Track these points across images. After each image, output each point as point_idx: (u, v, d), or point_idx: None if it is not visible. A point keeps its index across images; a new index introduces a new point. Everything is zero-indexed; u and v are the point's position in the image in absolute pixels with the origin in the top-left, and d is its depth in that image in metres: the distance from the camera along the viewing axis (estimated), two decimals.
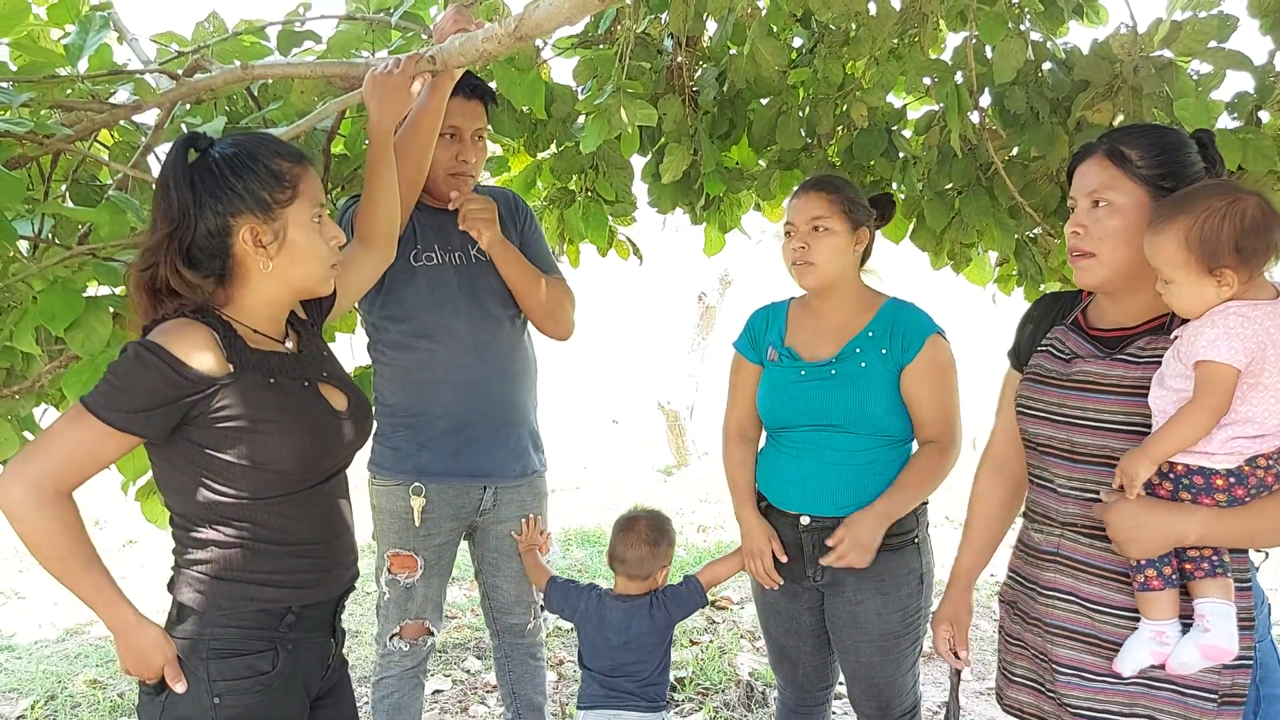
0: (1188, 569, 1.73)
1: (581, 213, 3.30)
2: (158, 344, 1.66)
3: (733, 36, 3.06)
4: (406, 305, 2.57)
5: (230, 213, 1.72)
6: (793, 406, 2.46)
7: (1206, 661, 1.70)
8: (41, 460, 1.63)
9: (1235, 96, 2.57)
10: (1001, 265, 3.42)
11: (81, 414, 1.64)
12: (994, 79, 2.69)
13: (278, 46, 2.65)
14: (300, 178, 1.77)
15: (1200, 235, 1.64)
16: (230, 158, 1.73)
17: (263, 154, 1.75)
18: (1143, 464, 1.68)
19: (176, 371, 1.65)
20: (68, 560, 1.68)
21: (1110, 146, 1.85)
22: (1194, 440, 1.66)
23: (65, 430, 1.65)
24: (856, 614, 2.44)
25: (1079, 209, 1.87)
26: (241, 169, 1.72)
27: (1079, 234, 1.85)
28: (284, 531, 1.79)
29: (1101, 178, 1.84)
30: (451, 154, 2.57)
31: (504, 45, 1.98)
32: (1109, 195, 1.82)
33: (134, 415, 1.65)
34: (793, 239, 2.45)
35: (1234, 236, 1.63)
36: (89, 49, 2.14)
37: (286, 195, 1.74)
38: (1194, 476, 1.69)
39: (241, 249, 1.74)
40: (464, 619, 4.83)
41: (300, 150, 1.82)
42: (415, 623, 2.67)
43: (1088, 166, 1.87)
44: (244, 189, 1.72)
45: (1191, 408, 1.64)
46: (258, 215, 1.73)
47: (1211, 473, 1.68)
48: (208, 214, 1.72)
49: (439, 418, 2.59)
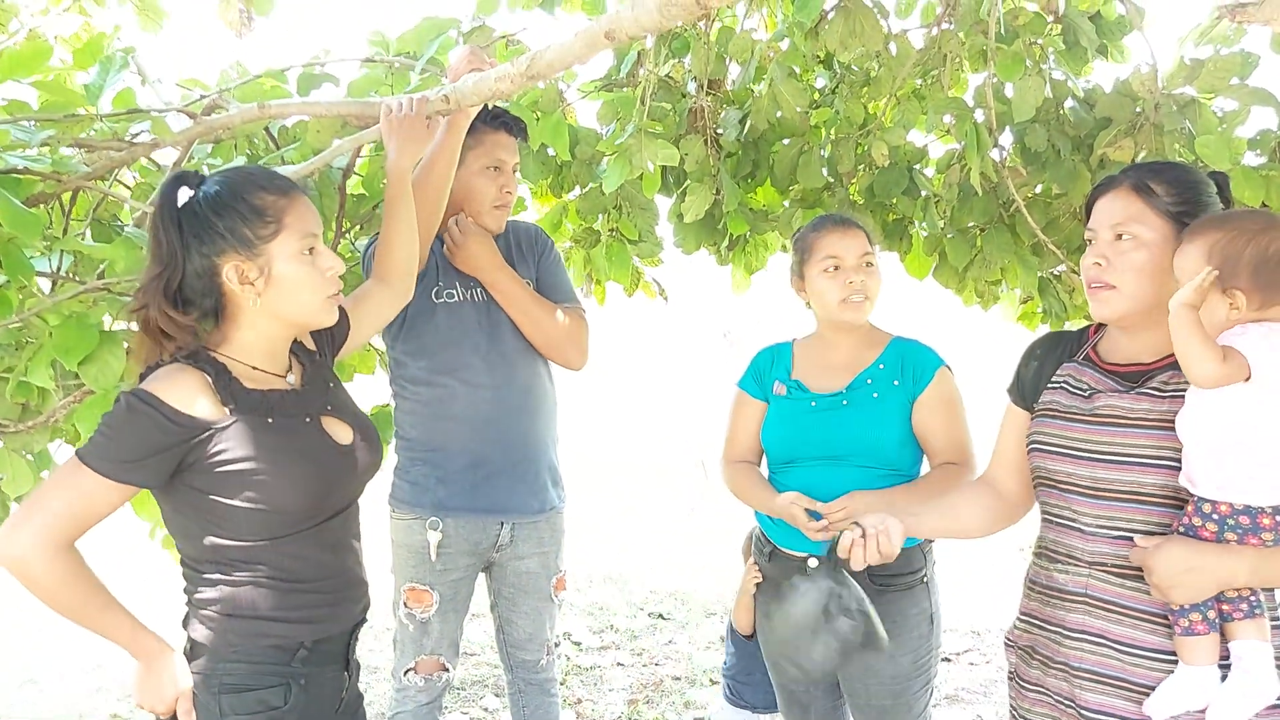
0: (1225, 610, 1.69)
1: (606, 252, 3.31)
2: (148, 392, 1.65)
3: (754, 78, 3.08)
4: (426, 341, 2.58)
5: (214, 252, 1.71)
6: (803, 437, 2.43)
7: (1249, 709, 1.66)
8: (42, 514, 1.63)
9: (1258, 134, 2.55)
10: (1025, 303, 3.40)
11: (77, 467, 1.64)
12: (1014, 117, 2.68)
13: (297, 89, 2.68)
14: (285, 210, 1.75)
15: (1223, 251, 1.64)
16: (213, 197, 1.73)
17: (246, 190, 1.73)
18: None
19: (168, 418, 1.64)
20: (81, 607, 1.68)
21: (1136, 180, 1.83)
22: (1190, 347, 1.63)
23: (63, 483, 1.66)
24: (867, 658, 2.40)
25: (1100, 241, 1.84)
26: (223, 208, 1.71)
27: (1101, 265, 1.82)
28: (293, 570, 1.78)
29: (1128, 210, 1.81)
30: (497, 186, 2.61)
31: (516, 84, 1.99)
32: (1135, 229, 1.80)
33: (128, 465, 1.64)
34: (843, 274, 2.41)
35: (1254, 260, 1.62)
36: (109, 89, 2.17)
37: (270, 230, 1.73)
38: (1240, 517, 1.65)
39: (229, 287, 1.74)
40: (483, 656, 4.80)
41: (290, 181, 1.80)
42: (431, 658, 2.65)
43: (1112, 199, 1.84)
44: (225, 228, 1.71)
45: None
46: (240, 252, 1.72)
47: (1258, 511, 1.64)
48: (193, 255, 1.71)
49: (458, 453, 2.59)
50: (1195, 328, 1.62)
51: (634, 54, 3.06)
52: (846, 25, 2.66)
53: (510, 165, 2.64)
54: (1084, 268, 1.88)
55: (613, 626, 5.26)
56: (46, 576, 1.63)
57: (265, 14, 2.93)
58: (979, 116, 2.78)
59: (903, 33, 2.93)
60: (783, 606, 2.01)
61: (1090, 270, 1.85)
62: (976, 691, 4.28)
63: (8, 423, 2.36)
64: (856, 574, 2.34)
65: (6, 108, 2.25)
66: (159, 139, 2.24)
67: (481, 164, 2.57)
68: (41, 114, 2.19)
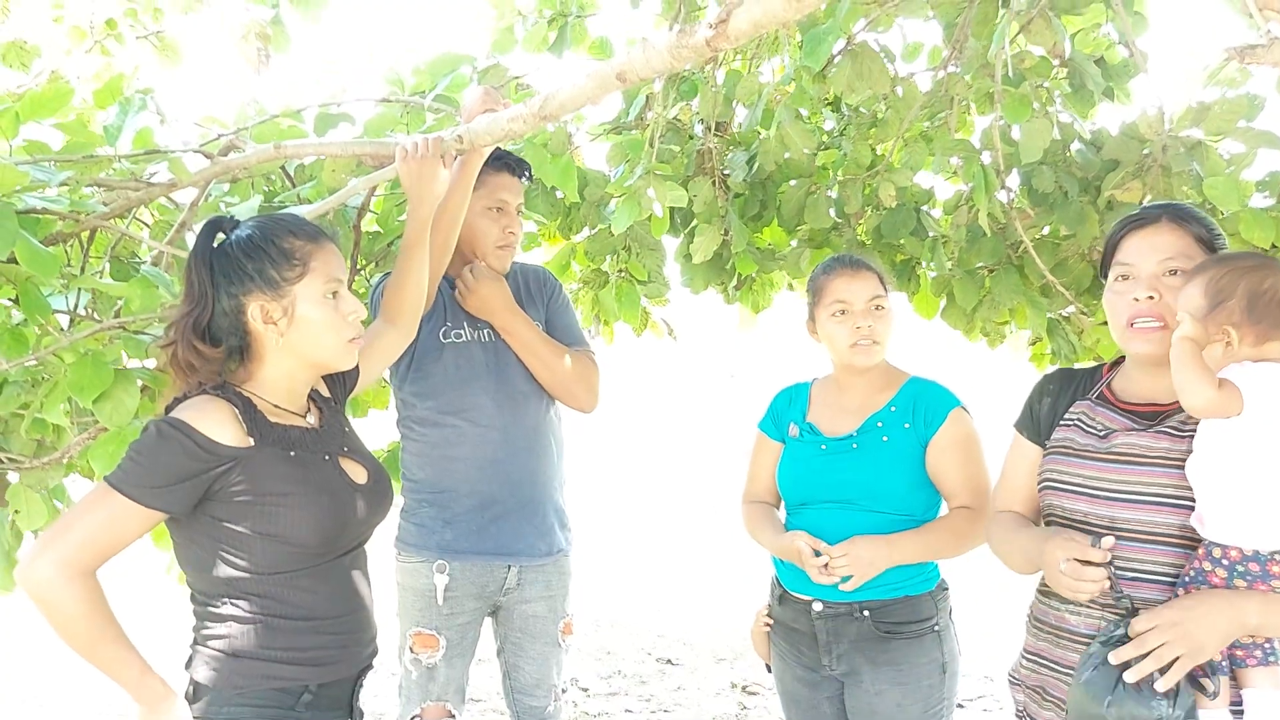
0: (1239, 655, 1.67)
1: (615, 293, 3.33)
2: (179, 419, 1.69)
3: (762, 121, 3.11)
4: (434, 381, 2.58)
5: (241, 292, 1.77)
6: (813, 480, 2.43)
7: None
8: (67, 540, 1.64)
9: (1268, 175, 2.56)
10: (1034, 344, 3.40)
11: (107, 492, 1.66)
12: (1021, 159, 2.70)
13: (314, 129, 2.72)
14: (312, 254, 1.80)
15: (1218, 287, 1.67)
16: (244, 240, 1.79)
17: (276, 234, 1.79)
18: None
19: (199, 445, 1.67)
20: (93, 638, 1.68)
21: (1175, 214, 1.84)
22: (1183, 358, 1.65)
23: (90, 509, 1.67)
24: (875, 706, 2.37)
25: (1148, 274, 1.81)
26: (253, 250, 1.78)
27: (1154, 300, 1.80)
28: (302, 606, 1.78)
29: (1178, 245, 1.81)
30: (500, 227, 2.63)
31: (529, 125, 2.01)
32: (1184, 263, 1.79)
33: (158, 490, 1.66)
34: (851, 318, 2.41)
35: (1247, 295, 1.65)
36: (128, 130, 2.20)
37: (296, 273, 1.78)
38: (1249, 564, 1.64)
39: (254, 326, 1.78)
40: (489, 702, 4.75)
41: (319, 228, 1.87)
42: (436, 705, 2.62)
43: (1156, 233, 1.83)
44: (254, 269, 1.77)
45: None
46: (266, 293, 1.77)
47: (1268, 558, 1.64)
48: (222, 295, 1.77)
49: (464, 495, 2.58)
50: (1194, 358, 1.64)
51: (642, 97, 3.10)
52: (853, 69, 2.70)
53: (513, 206, 2.66)
54: (1120, 303, 1.85)
55: (621, 672, 5.22)
56: (66, 603, 1.63)
57: (283, 51, 2.98)
58: (986, 158, 2.81)
59: (909, 76, 2.97)
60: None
61: (1139, 305, 1.81)
62: None
63: (23, 458, 2.37)
64: (859, 619, 2.34)
65: (26, 148, 2.28)
66: (176, 179, 2.27)
67: (483, 205, 2.58)
68: (61, 155, 2.22)
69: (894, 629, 2.35)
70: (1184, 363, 1.65)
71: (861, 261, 2.49)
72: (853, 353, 2.41)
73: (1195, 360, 1.64)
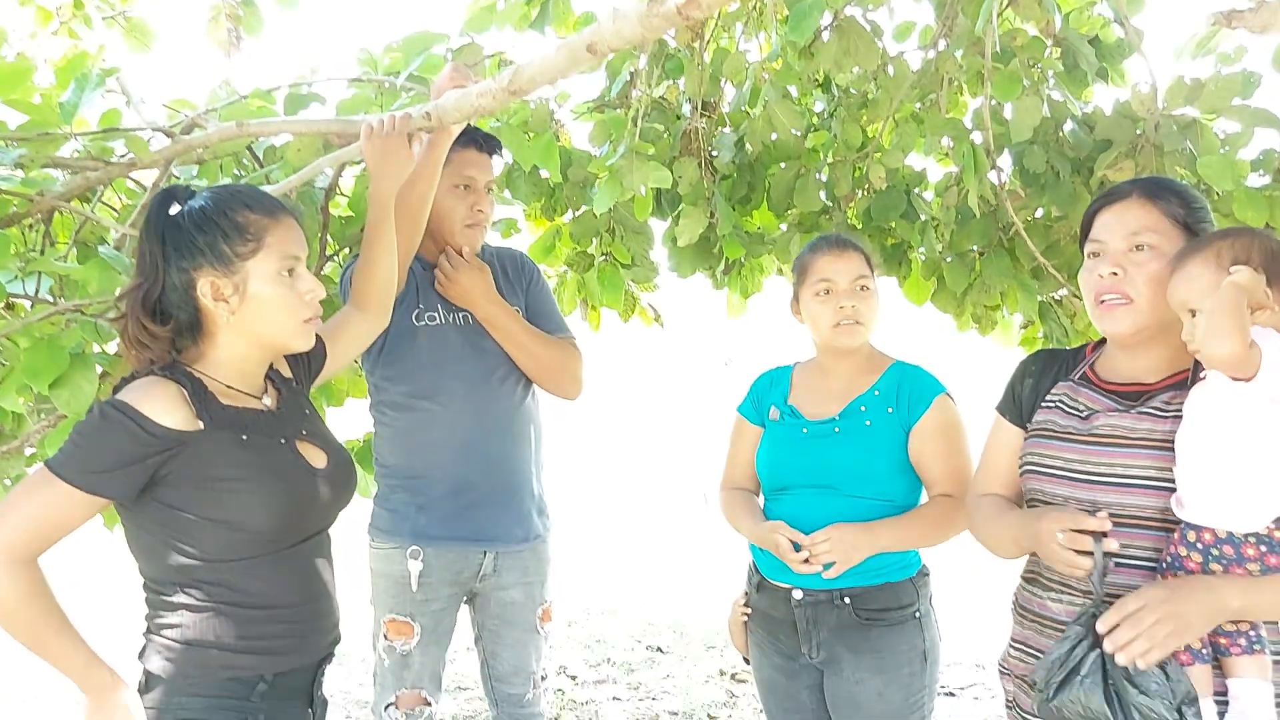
0: (1223, 644, 1.63)
1: (599, 276, 3.27)
2: (123, 402, 1.62)
3: (750, 100, 3.04)
4: (406, 365, 2.52)
5: (192, 266, 1.69)
6: (793, 464, 2.37)
7: None
8: (6, 525, 1.58)
9: (1261, 154, 2.50)
10: (1026, 328, 3.34)
11: (47, 477, 1.60)
12: (1012, 138, 2.64)
13: (285, 110, 2.65)
14: (267, 230, 1.73)
15: (1233, 254, 1.61)
16: (196, 212, 1.71)
17: (230, 206, 1.72)
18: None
19: (143, 429, 1.60)
20: (37, 627, 1.62)
21: (1147, 189, 1.79)
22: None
23: (30, 495, 1.61)
24: (856, 694, 2.32)
25: (1113, 251, 1.78)
26: (205, 223, 1.70)
27: (1118, 275, 1.76)
28: (258, 595, 1.73)
29: (1144, 220, 1.76)
30: (467, 205, 2.55)
31: (498, 100, 1.95)
32: (1152, 238, 1.75)
33: (101, 475, 1.60)
34: (835, 298, 2.35)
35: (1264, 255, 1.61)
36: (84, 106, 2.13)
37: (249, 248, 1.71)
38: (1224, 546, 1.60)
39: (205, 303, 1.71)
40: (475, 690, 4.70)
41: (278, 202, 1.79)
42: (411, 692, 2.57)
43: (1124, 209, 1.79)
44: (205, 243, 1.69)
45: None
46: (217, 268, 1.70)
47: (1241, 541, 1.59)
48: (172, 269, 1.70)
49: (438, 480, 2.53)
50: (1240, 306, 1.56)
51: (626, 74, 3.03)
52: (841, 45, 2.63)
53: (482, 183, 2.58)
54: (1090, 281, 1.81)
55: (609, 660, 5.17)
56: (6, 591, 1.57)
57: (254, 34, 2.91)
58: (977, 138, 2.75)
59: (900, 55, 2.91)
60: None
61: (1103, 282, 1.78)
62: None
63: None
64: (840, 607, 2.29)
65: None
66: (136, 158, 2.20)
67: (450, 182, 2.50)
68: (15, 133, 2.15)
69: (875, 616, 2.30)
70: (1228, 308, 1.56)
71: (848, 241, 2.43)
72: (836, 334, 2.35)
73: (1241, 309, 1.56)
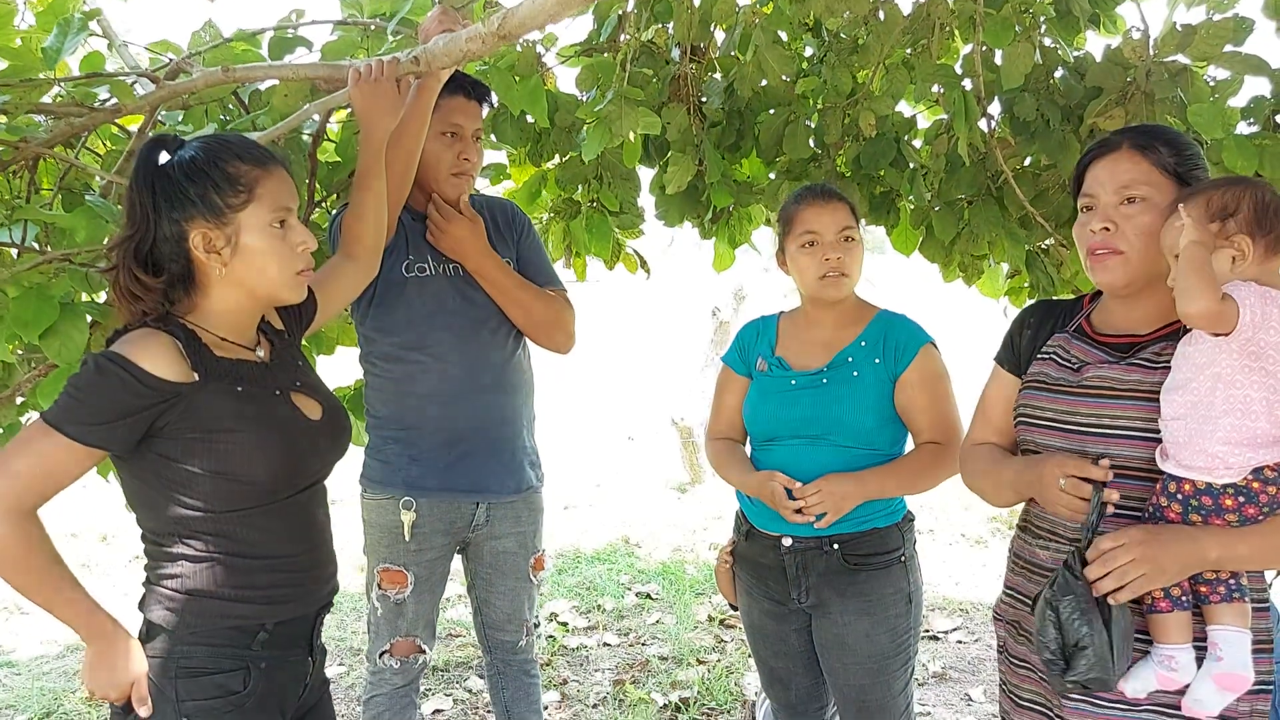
0: (1203, 592, 1.65)
1: (586, 224, 3.25)
2: (118, 354, 1.61)
3: (740, 45, 3.01)
4: (397, 317, 2.51)
5: (183, 218, 1.68)
6: (781, 415, 2.39)
7: (1225, 696, 1.62)
8: (4, 480, 1.58)
9: (1251, 101, 2.49)
10: (1013, 278, 3.35)
11: (44, 430, 1.60)
12: (1003, 85, 2.62)
13: (269, 53, 2.61)
14: (259, 180, 1.71)
15: (1221, 203, 1.63)
16: (187, 162, 1.69)
17: (221, 157, 1.70)
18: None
19: (139, 380, 1.60)
20: (38, 578, 1.63)
21: (1137, 140, 1.78)
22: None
23: (27, 447, 1.60)
24: (844, 636, 2.36)
25: (1104, 204, 1.78)
26: (196, 174, 1.68)
27: (1110, 230, 1.76)
28: (257, 545, 1.74)
29: (1135, 173, 1.76)
30: (454, 153, 2.52)
31: (488, 45, 1.92)
32: (1143, 190, 1.75)
33: (97, 428, 1.60)
34: (820, 249, 2.36)
35: (1253, 206, 1.61)
36: (67, 51, 2.10)
37: (241, 199, 1.69)
38: (1202, 497, 1.62)
39: (197, 255, 1.70)
40: (467, 637, 4.75)
41: (268, 152, 1.77)
42: (406, 640, 2.60)
43: (1115, 161, 1.78)
44: (196, 194, 1.67)
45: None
46: (209, 220, 1.68)
47: (1220, 492, 1.61)
48: (164, 219, 1.68)
49: (430, 431, 2.53)
50: (1203, 264, 1.57)
51: (615, 17, 2.99)
52: None
53: (469, 131, 2.54)
54: (1082, 234, 1.81)
55: (600, 607, 5.23)
56: (7, 543, 1.58)
57: None
58: (968, 85, 2.73)
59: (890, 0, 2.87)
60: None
61: (1095, 236, 1.78)
62: (965, 670, 4.25)
63: None
64: (829, 553, 2.32)
65: None
66: (121, 104, 2.17)
67: (437, 129, 2.46)
68: None
69: (862, 561, 2.34)
70: (1192, 267, 1.57)
71: (833, 191, 2.42)
72: (821, 285, 2.36)
73: (1204, 266, 1.58)
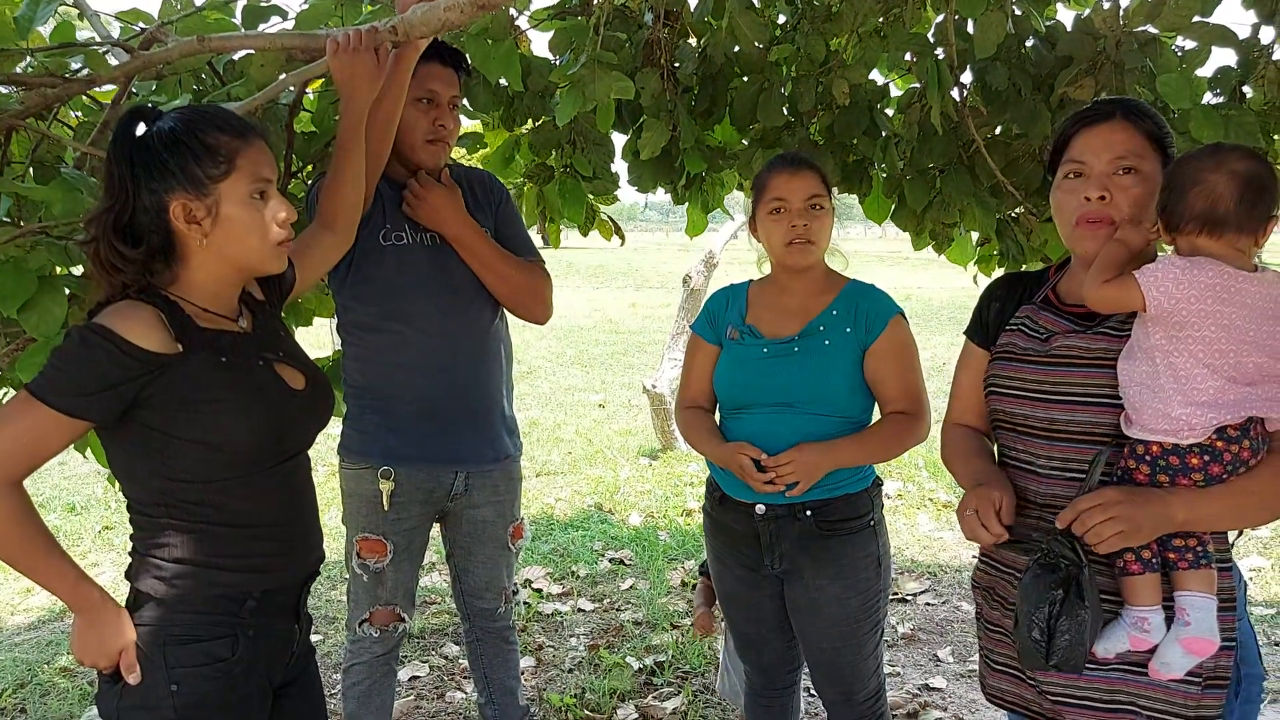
0: (1171, 558, 1.70)
1: (559, 189, 3.25)
2: (102, 325, 1.61)
3: (713, 11, 3.01)
4: (375, 286, 2.51)
5: (163, 189, 1.68)
6: (753, 383, 2.41)
7: (1190, 659, 1.67)
8: None
9: (1218, 72, 2.53)
10: (982, 246, 3.39)
11: (29, 401, 1.60)
12: (975, 55, 2.64)
13: (243, 22, 2.59)
14: (238, 152, 1.71)
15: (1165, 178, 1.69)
16: (167, 133, 1.69)
17: (200, 128, 1.69)
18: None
19: (123, 351, 1.60)
20: (25, 548, 1.64)
21: (1129, 110, 1.80)
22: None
23: (11, 419, 1.61)
24: (817, 601, 2.41)
25: (1099, 172, 1.78)
26: (175, 145, 1.68)
27: (1106, 199, 1.76)
28: (243, 514, 1.75)
29: (1130, 143, 1.77)
30: (429, 120, 2.52)
31: (466, 14, 1.92)
32: (1135, 161, 1.76)
33: (82, 399, 1.60)
34: (787, 216, 2.37)
35: (1167, 179, 1.67)
36: (39, 21, 2.07)
37: (221, 170, 1.69)
38: (1170, 457, 1.66)
39: (177, 226, 1.70)
40: (443, 604, 4.79)
41: (248, 123, 1.76)
42: (385, 609, 2.62)
43: (1110, 130, 1.78)
44: (176, 165, 1.67)
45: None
46: (189, 191, 1.68)
47: (1186, 451, 1.65)
48: (143, 191, 1.68)
49: (408, 401, 2.54)
50: (1107, 254, 1.68)
51: None
52: None
53: (445, 98, 2.54)
54: (1070, 201, 1.81)
55: (574, 573, 5.27)
56: None
57: None
58: (940, 54, 2.75)
59: None
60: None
61: (1089, 205, 1.77)
62: (934, 632, 4.34)
63: None
64: (801, 520, 2.36)
65: None
66: (95, 74, 2.14)
67: (412, 96, 2.45)
68: None
69: (834, 527, 2.38)
70: (1099, 259, 1.68)
71: (804, 159, 2.44)
72: (788, 252, 2.38)
73: (1106, 256, 1.67)
